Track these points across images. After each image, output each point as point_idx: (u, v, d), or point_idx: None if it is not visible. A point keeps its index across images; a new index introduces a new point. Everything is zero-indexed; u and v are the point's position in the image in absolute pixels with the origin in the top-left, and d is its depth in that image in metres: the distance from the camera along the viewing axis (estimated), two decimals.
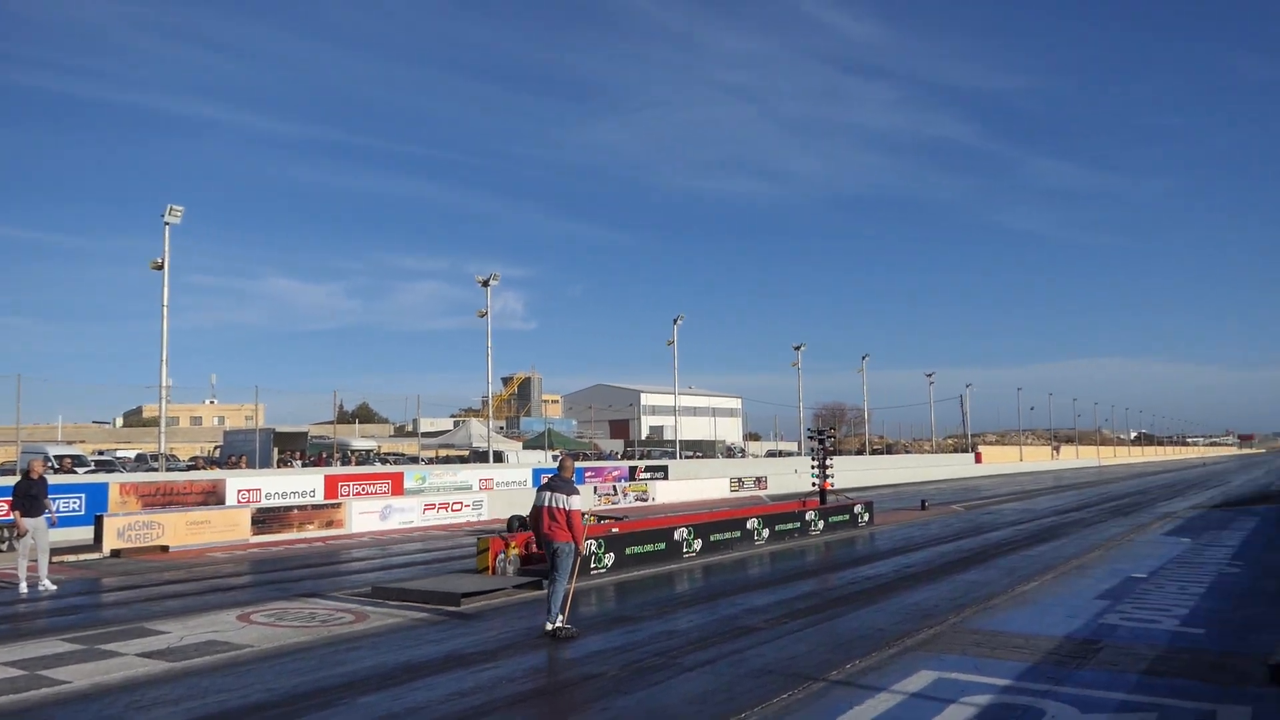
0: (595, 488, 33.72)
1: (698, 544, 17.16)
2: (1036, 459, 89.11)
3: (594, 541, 14.52)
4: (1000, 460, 78.71)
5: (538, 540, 10.12)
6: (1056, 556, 16.72)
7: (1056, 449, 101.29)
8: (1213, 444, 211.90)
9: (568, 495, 9.82)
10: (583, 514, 10.73)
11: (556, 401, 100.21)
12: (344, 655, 8.87)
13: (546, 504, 9.84)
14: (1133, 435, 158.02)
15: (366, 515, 24.36)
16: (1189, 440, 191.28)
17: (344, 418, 69.59)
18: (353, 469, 29.81)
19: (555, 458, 45.41)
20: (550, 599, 9.85)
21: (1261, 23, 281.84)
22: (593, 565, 14.37)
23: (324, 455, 35.31)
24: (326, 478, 26.53)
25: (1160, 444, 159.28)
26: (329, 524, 23.17)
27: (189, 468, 31.72)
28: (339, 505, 23.93)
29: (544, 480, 10.12)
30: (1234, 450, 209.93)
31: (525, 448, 47.90)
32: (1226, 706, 6.72)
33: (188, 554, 18.92)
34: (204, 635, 9.81)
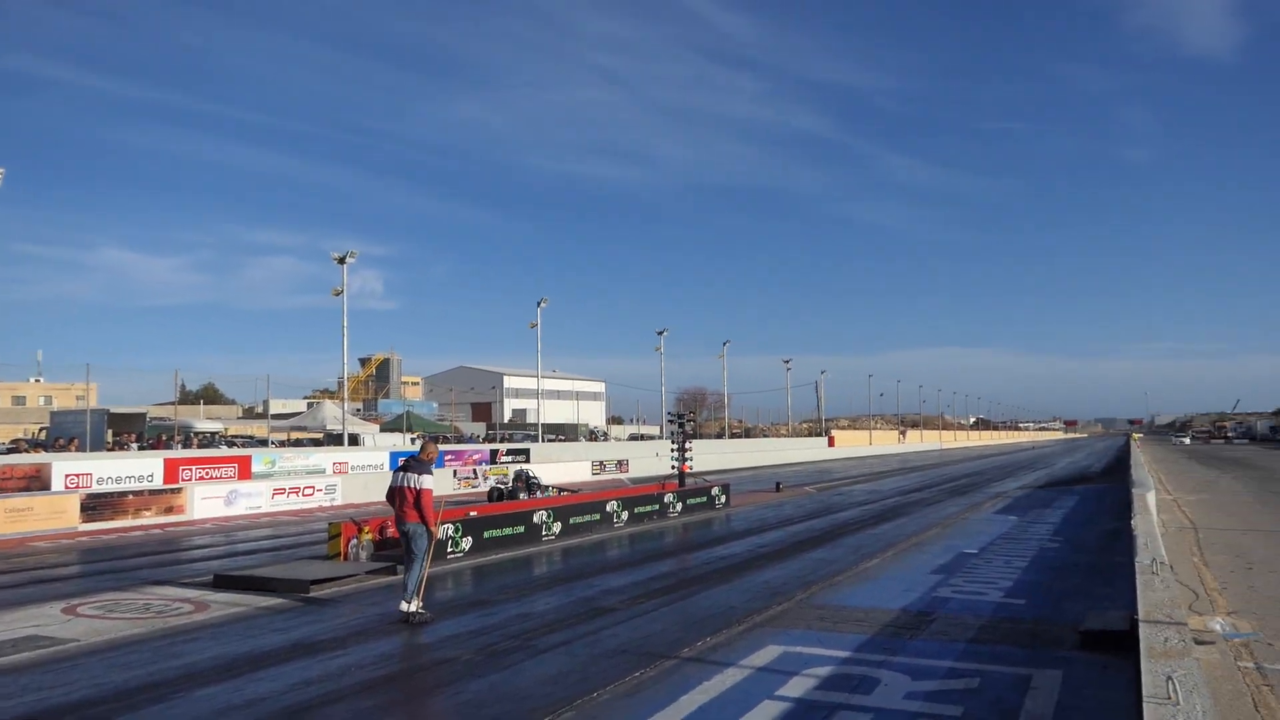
0: (455, 471, 33.26)
1: (557, 527, 17.20)
2: (885, 443, 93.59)
3: (451, 525, 14.35)
4: (852, 444, 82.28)
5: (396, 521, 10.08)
6: (898, 534, 17.62)
7: (903, 433, 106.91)
8: (1042, 429, 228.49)
9: (419, 475, 9.80)
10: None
11: (417, 383, 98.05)
12: (181, 647, 8.49)
13: (400, 484, 9.85)
14: (972, 420, 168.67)
15: (210, 500, 23.24)
16: (1021, 425, 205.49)
17: (187, 399, 66.02)
18: (196, 452, 28.33)
19: (414, 440, 44.47)
20: (405, 582, 9.78)
21: (1093, 37, 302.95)
22: (449, 549, 14.21)
23: (164, 438, 33.42)
24: (166, 461, 25.12)
25: (996, 429, 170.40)
26: (168, 510, 21.98)
27: (9, 450, 29.35)
28: (180, 490, 22.72)
29: (401, 462, 10.16)
30: (1060, 435, 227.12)
31: (383, 430, 46.70)
32: (1040, 670, 7.28)
33: (6, 544, 17.57)
34: (23, 630, 9.18)
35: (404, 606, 9.64)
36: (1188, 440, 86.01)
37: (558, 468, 39.23)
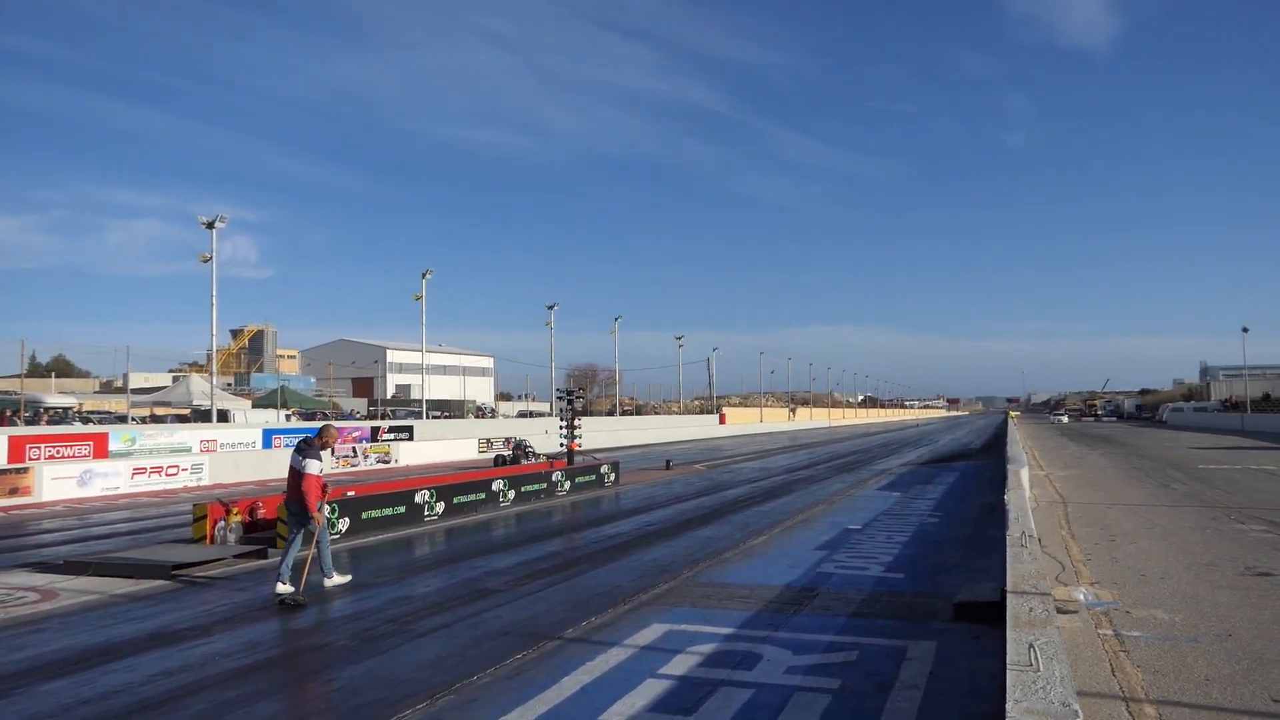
0: (333, 450, 32.40)
1: (440, 507, 17.00)
2: (775, 420, 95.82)
3: (328, 506, 13.99)
4: (742, 421, 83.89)
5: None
6: (785, 511, 18.07)
7: (793, 411, 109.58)
8: (926, 407, 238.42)
9: (304, 458, 9.89)
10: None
11: (293, 357, 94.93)
12: (25, 639, 8.04)
13: (290, 465, 10.16)
14: (860, 398, 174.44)
15: (61, 481, 22.04)
16: (907, 403, 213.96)
17: (36, 371, 62.16)
18: (45, 429, 26.80)
19: (289, 417, 43.05)
20: (280, 563, 9.80)
21: (978, 22, 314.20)
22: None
23: (9, 413, 31.45)
24: (11, 439, 23.69)
25: (883, 407, 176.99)
26: (13, 491, 20.76)
27: None
28: (26, 470, 21.48)
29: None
30: (943, 413, 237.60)
31: (255, 406, 45.13)
32: (916, 642, 7.60)
33: None
34: None
35: (279, 588, 9.62)
36: (1066, 419, 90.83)
37: (443, 446, 38.76)
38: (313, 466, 9.86)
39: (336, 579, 10.47)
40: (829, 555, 12.46)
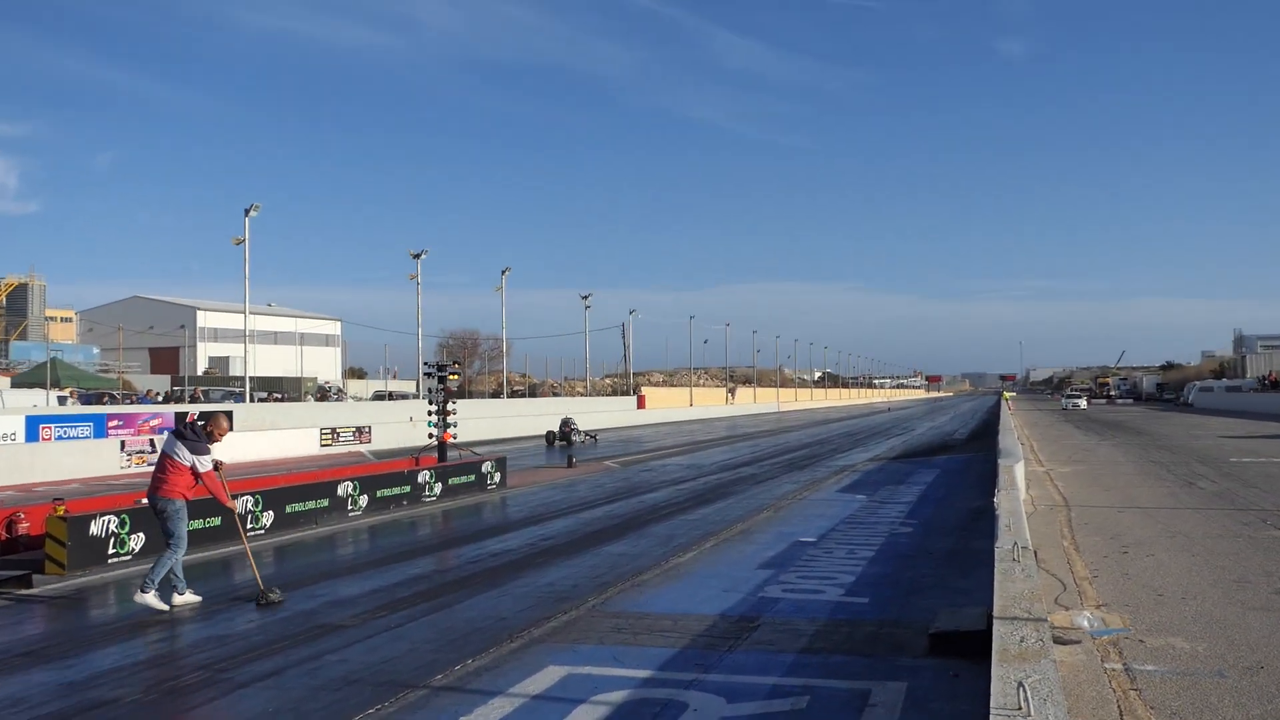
0: (123, 442, 31.67)
1: (268, 518, 16.79)
2: (710, 403, 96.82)
3: (115, 518, 13.66)
4: (667, 405, 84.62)
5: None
6: (720, 520, 18.51)
7: (732, 392, 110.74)
8: (900, 386, 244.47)
9: (192, 453, 11.30)
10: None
11: (69, 319, 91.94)
12: None
13: (164, 454, 11.36)
14: (816, 375, 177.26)
15: None
16: (876, 382, 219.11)
17: None
18: None
19: (65, 399, 41.84)
20: (151, 568, 11.17)
21: None
22: (111, 550, 13.53)
23: None
24: None
25: (845, 386, 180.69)
26: None
27: None
28: None
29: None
30: (921, 394, 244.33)
31: (16, 385, 43.73)
32: (881, 683, 7.81)
33: None
34: None
35: (142, 597, 10.81)
36: (1084, 403, 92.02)
37: (273, 438, 38.19)
38: (205, 464, 11.21)
39: (189, 597, 11.17)
40: (775, 575, 12.74)
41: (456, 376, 26.05)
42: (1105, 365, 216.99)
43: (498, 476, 24.59)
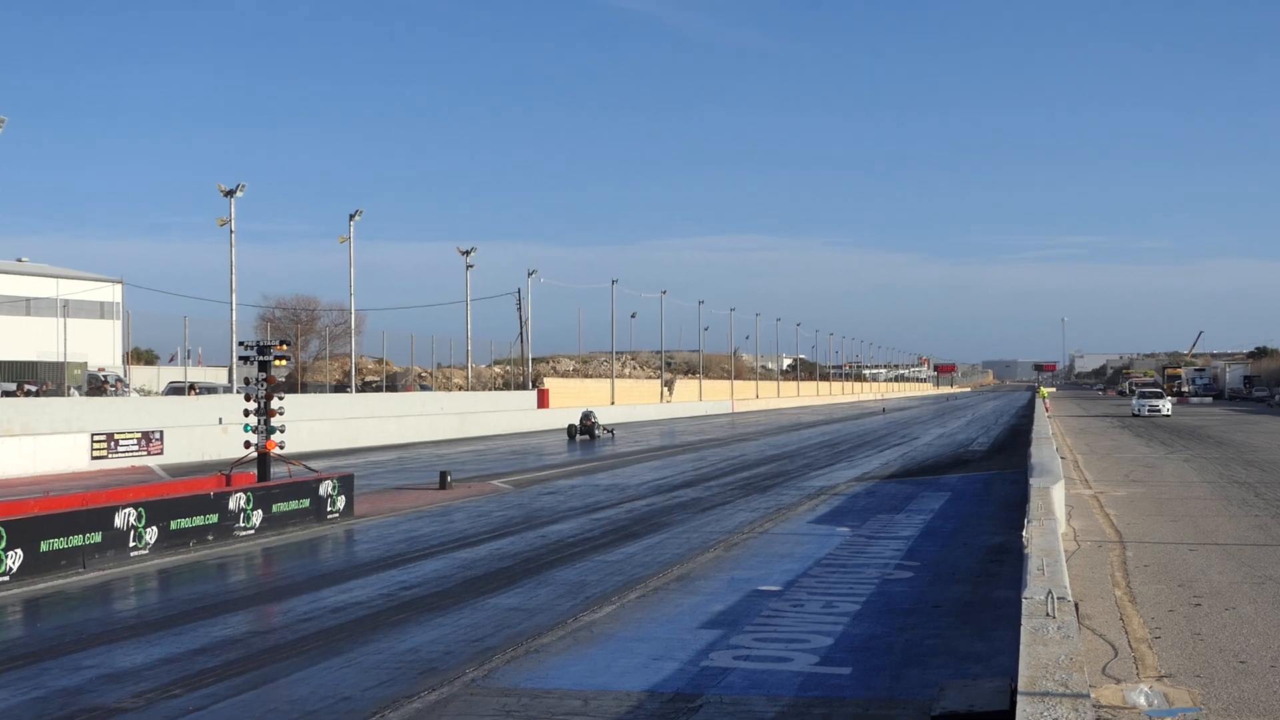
0: None
1: (14, 559, 16.54)
2: (638, 400, 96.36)
3: None
4: (579, 402, 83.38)
5: None
6: (651, 562, 18.66)
7: (669, 384, 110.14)
8: (899, 378, 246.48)
9: None
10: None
11: None
12: None
13: None
14: (785, 364, 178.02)
15: None
16: (867, 373, 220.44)
17: None
18: None
19: None
20: None
21: None
22: None
23: None
24: None
25: (825, 378, 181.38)
26: None
27: None
28: None
29: None
30: (929, 389, 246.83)
31: None
32: None
33: None
34: None
35: None
36: (1166, 406, 77.40)
37: (22, 447, 37.50)
38: None
39: None
40: (724, 638, 12.81)
41: (285, 362, 25.77)
42: (1175, 351, 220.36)
43: (342, 502, 24.48)
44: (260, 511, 22.15)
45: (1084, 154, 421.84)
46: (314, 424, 48.20)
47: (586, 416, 59.21)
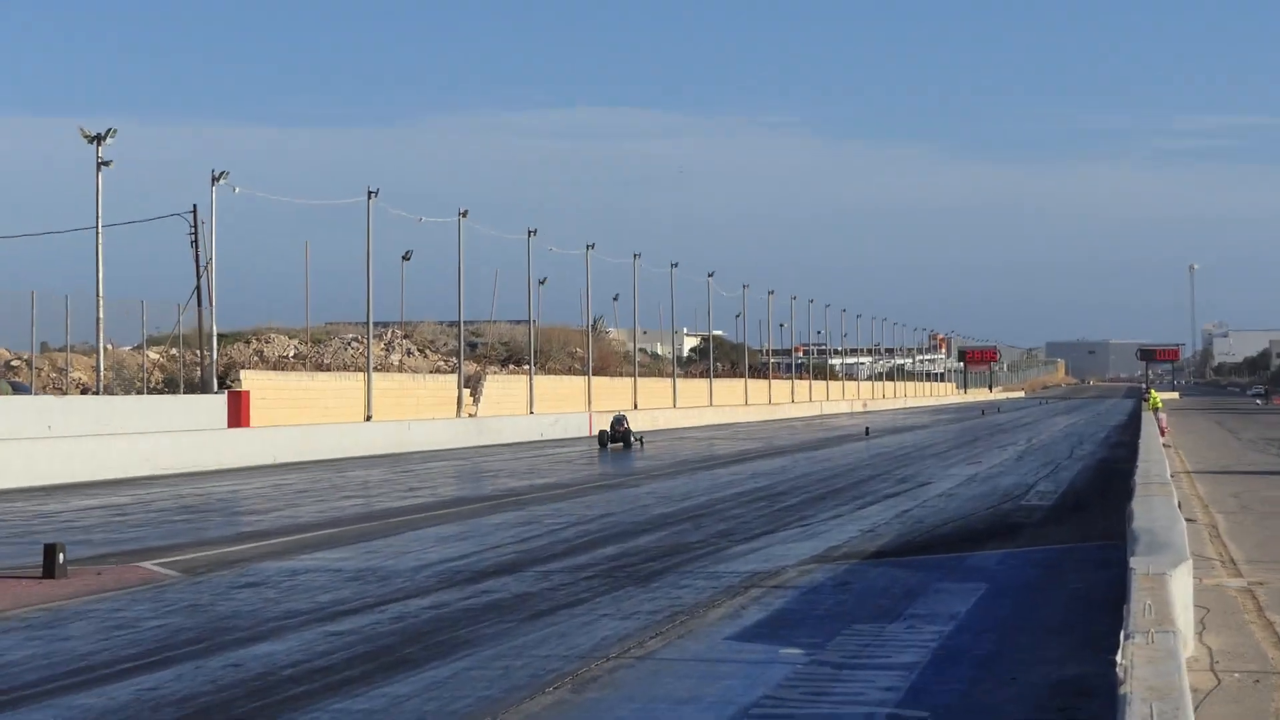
0: None
1: None
2: (417, 411, 77.99)
3: None
4: (304, 416, 65.51)
5: None
6: (435, 716, 13.61)
7: (472, 385, 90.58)
8: (895, 373, 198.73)
9: None
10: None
11: None
12: None
13: None
14: (686, 347, 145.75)
15: None
16: (839, 364, 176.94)
17: None
18: None
19: None
20: None
21: None
22: None
23: None
24: None
25: (762, 375, 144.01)
26: None
27: None
28: None
29: None
30: (949, 392, 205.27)
31: None
32: None
33: None
34: None
35: None
36: None
37: None
38: None
39: None
40: None
41: None
42: None
43: None
44: None
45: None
46: None
47: (618, 422, 62.82)
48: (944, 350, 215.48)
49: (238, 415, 58.99)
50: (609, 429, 63.61)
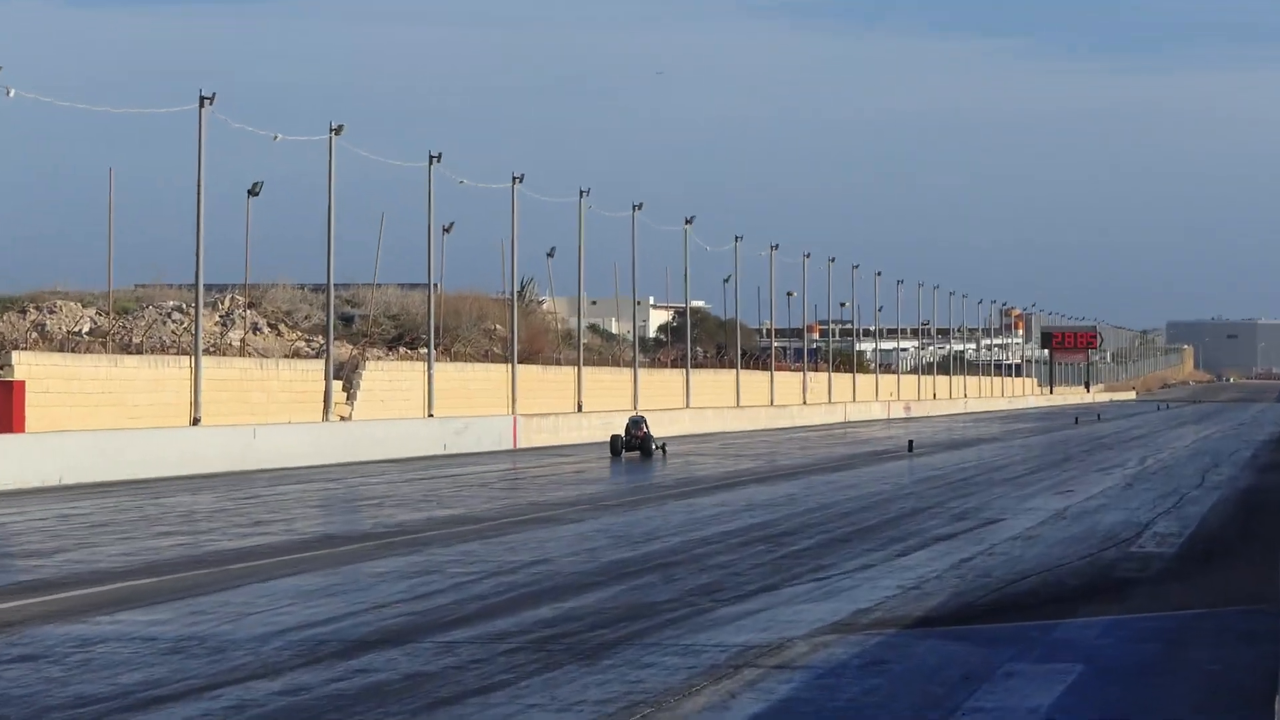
0: None
1: None
2: (268, 414, 66.39)
3: None
4: (103, 419, 54.07)
5: None
6: None
7: (346, 375, 79.36)
8: (946, 362, 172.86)
9: None
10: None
11: None
12: None
13: None
14: (654, 326, 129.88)
15: None
16: (869, 350, 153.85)
17: None
18: None
19: None
20: None
21: None
22: None
23: None
24: None
25: (758, 365, 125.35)
26: None
27: None
28: None
29: None
30: (1027, 392, 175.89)
31: None
32: None
33: None
34: None
35: None
36: None
37: None
38: None
39: None
40: None
41: None
42: None
43: None
44: None
45: None
46: None
47: (635, 425, 56.22)
48: (1022, 332, 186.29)
49: (7, 415, 48.83)
50: (623, 434, 56.27)
